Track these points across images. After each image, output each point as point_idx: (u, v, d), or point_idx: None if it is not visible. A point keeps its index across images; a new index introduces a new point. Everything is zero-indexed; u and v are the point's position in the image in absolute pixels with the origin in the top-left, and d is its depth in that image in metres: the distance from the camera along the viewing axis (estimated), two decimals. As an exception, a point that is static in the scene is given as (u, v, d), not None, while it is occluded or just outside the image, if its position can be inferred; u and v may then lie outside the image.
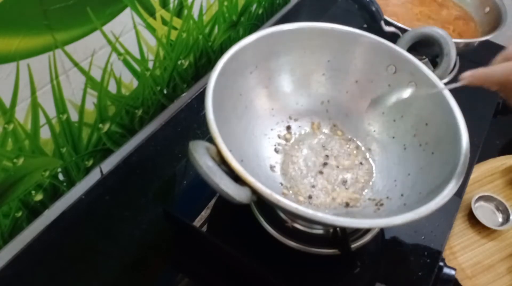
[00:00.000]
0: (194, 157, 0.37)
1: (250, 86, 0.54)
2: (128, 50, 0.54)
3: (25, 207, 0.50)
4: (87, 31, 0.46)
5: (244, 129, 0.53)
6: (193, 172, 0.59)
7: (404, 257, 0.52)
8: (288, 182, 0.53)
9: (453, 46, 0.58)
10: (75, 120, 0.51)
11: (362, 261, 0.52)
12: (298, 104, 0.58)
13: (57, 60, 0.44)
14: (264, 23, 0.85)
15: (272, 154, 0.55)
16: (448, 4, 0.85)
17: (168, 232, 0.56)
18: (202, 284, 0.53)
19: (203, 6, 0.63)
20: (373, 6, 0.68)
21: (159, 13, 0.55)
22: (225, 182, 0.37)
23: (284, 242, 0.50)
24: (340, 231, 0.48)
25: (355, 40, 0.55)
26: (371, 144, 0.56)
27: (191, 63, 0.68)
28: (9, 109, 0.42)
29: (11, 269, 0.51)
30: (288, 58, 0.55)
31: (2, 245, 0.50)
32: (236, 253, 0.50)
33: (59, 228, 0.55)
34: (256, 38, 0.51)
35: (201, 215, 0.53)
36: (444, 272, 0.54)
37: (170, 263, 0.54)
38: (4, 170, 0.45)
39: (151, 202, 0.58)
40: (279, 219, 0.52)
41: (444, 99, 0.48)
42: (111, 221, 0.56)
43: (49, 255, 0.53)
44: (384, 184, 0.52)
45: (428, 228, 0.55)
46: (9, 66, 0.40)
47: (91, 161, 0.57)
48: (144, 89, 0.60)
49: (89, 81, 0.50)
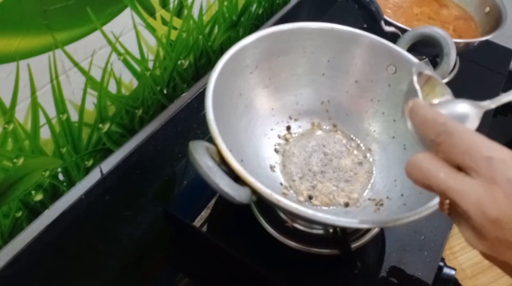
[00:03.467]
0: (194, 157, 0.37)
1: (250, 86, 0.54)
2: (128, 50, 0.54)
3: (25, 207, 0.50)
4: (87, 31, 0.46)
5: (244, 129, 0.53)
6: (193, 172, 0.59)
7: (404, 257, 0.52)
8: (288, 182, 0.53)
9: (453, 46, 0.58)
10: (75, 120, 0.51)
11: (362, 261, 0.52)
12: (298, 104, 0.58)
13: (57, 60, 0.44)
14: (264, 23, 0.85)
15: (272, 154, 0.55)
16: (448, 4, 0.85)
17: (168, 232, 0.56)
18: (202, 284, 0.53)
19: (203, 6, 0.63)
20: (373, 6, 0.68)
21: (159, 13, 0.55)
22: (225, 182, 0.37)
23: (284, 242, 0.50)
24: (340, 231, 0.48)
25: (355, 40, 0.55)
26: (371, 144, 0.56)
27: (191, 63, 0.68)
28: (9, 109, 0.42)
29: (11, 269, 0.51)
30: (288, 58, 0.55)
31: (2, 245, 0.50)
32: (236, 253, 0.50)
33: (59, 228, 0.55)
34: (256, 38, 0.51)
35: (201, 215, 0.53)
36: (444, 272, 0.54)
37: (170, 263, 0.54)
38: (4, 170, 0.45)
39: (151, 202, 0.58)
40: (279, 219, 0.52)
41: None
42: (111, 221, 0.56)
43: (49, 255, 0.53)
44: (384, 184, 0.52)
45: (428, 228, 0.55)
46: (9, 66, 0.40)
47: (91, 161, 0.57)
48: (144, 89, 0.60)
49: (89, 81, 0.50)
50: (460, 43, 0.69)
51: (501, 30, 0.72)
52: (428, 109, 0.27)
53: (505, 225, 0.23)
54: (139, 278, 0.52)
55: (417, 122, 0.27)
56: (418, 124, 0.27)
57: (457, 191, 0.24)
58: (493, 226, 0.23)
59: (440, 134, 0.26)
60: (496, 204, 0.23)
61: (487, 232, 0.24)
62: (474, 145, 0.25)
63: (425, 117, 0.27)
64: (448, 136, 0.25)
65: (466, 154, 0.25)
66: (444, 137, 0.25)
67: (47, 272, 0.51)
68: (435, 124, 0.26)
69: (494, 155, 0.24)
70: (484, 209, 0.23)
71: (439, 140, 0.26)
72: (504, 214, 0.23)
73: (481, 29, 0.80)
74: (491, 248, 0.24)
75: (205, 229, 0.52)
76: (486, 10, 0.80)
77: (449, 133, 0.25)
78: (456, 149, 0.25)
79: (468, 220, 0.25)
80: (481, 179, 0.24)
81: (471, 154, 0.24)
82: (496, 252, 0.24)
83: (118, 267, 0.52)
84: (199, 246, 0.54)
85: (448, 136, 0.25)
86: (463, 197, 0.24)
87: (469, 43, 0.71)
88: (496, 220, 0.23)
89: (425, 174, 0.26)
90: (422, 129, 0.27)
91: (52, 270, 0.51)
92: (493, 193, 0.23)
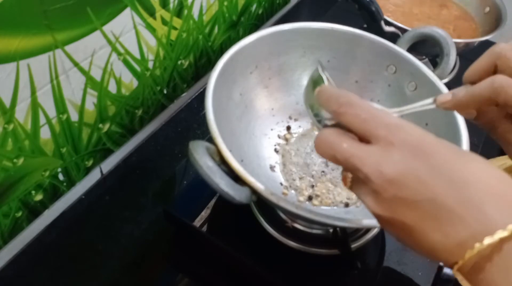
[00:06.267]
0: (194, 157, 0.37)
1: (250, 86, 0.54)
2: (128, 50, 0.54)
3: (25, 207, 0.50)
4: (87, 31, 0.46)
5: (244, 129, 0.53)
6: (193, 172, 0.59)
7: (404, 257, 0.52)
8: (288, 182, 0.53)
9: (453, 46, 0.58)
10: (75, 120, 0.51)
11: (362, 261, 0.52)
12: (298, 104, 0.58)
13: (57, 60, 0.44)
14: (264, 23, 0.85)
15: (272, 154, 0.55)
16: (448, 4, 0.85)
17: (168, 232, 0.56)
18: (202, 284, 0.53)
19: (203, 6, 0.63)
20: (373, 6, 0.68)
21: (159, 13, 0.55)
22: (225, 182, 0.37)
23: (284, 242, 0.50)
24: (340, 231, 0.48)
25: (355, 40, 0.55)
26: (371, 144, 0.56)
27: (191, 63, 0.68)
28: (9, 109, 0.42)
29: (11, 269, 0.51)
30: (288, 58, 0.55)
31: (2, 245, 0.50)
32: (236, 253, 0.50)
33: (59, 228, 0.55)
34: (256, 38, 0.51)
35: (201, 215, 0.53)
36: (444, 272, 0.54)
37: (170, 263, 0.54)
38: (4, 170, 0.45)
39: (151, 202, 0.58)
40: (279, 219, 0.52)
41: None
42: (111, 221, 0.56)
43: (49, 255, 0.53)
44: (384, 184, 0.52)
45: (428, 228, 0.55)
46: (9, 66, 0.40)
47: (91, 161, 0.57)
48: (144, 89, 0.60)
49: (89, 81, 0.50)
50: (460, 43, 0.69)
51: (501, 30, 0.72)
52: (334, 89, 0.29)
53: (402, 184, 0.25)
54: (139, 278, 0.52)
55: (323, 99, 0.29)
56: (324, 101, 0.29)
57: (358, 156, 0.26)
58: (391, 186, 0.25)
59: (342, 104, 0.28)
60: (393, 164, 0.25)
61: (386, 192, 0.25)
62: (374, 113, 0.27)
63: (330, 94, 0.29)
64: (350, 106, 0.27)
65: (366, 122, 0.27)
66: (346, 107, 0.27)
67: (47, 272, 0.51)
68: (338, 98, 0.28)
69: (392, 121, 0.26)
70: (382, 170, 0.25)
71: (341, 110, 0.28)
72: (400, 173, 0.25)
73: (481, 29, 0.80)
74: (389, 209, 0.25)
75: (205, 229, 0.52)
76: (486, 10, 0.80)
77: (350, 104, 0.27)
78: (357, 118, 0.27)
79: (368, 184, 0.26)
80: (380, 144, 0.26)
81: (371, 121, 0.27)
82: (394, 212, 0.25)
83: (118, 267, 0.52)
84: (199, 246, 0.54)
85: (349, 106, 0.27)
86: (363, 161, 0.26)
87: (469, 43, 0.71)
88: (392, 180, 0.25)
89: (330, 145, 0.27)
90: (326, 103, 0.29)
91: (52, 270, 0.51)
92: (390, 154, 0.25)
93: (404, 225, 0.25)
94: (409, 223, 0.25)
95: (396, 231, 0.27)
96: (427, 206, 0.24)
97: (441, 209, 0.24)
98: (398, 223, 0.26)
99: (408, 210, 0.25)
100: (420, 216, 0.25)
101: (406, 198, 0.25)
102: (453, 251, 0.24)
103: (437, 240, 0.24)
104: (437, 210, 0.24)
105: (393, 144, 0.25)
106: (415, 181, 0.24)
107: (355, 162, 0.26)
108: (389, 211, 0.26)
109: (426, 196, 0.24)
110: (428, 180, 0.24)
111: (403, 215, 0.25)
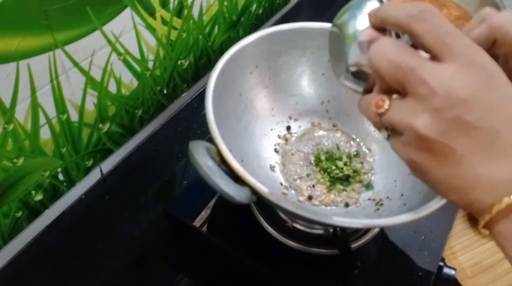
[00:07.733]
0: (194, 157, 0.37)
1: (250, 86, 0.54)
2: (128, 50, 0.54)
3: (25, 207, 0.50)
4: (87, 31, 0.46)
5: (244, 129, 0.53)
6: (193, 172, 0.59)
7: (404, 257, 0.52)
8: (288, 182, 0.53)
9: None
10: (75, 120, 0.51)
11: (362, 261, 0.52)
12: (298, 104, 0.58)
13: (57, 60, 0.45)
14: (264, 23, 0.85)
15: (272, 154, 0.55)
16: (448, 4, 0.85)
17: (168, 232, 0.56)
18: (202, 284, 0.53)
19: (203, 6, 0.63)
20: (373, 6, 0.68)
21: (159, 13, 0.55)
22: (225, 182, 0.37)
23: (284, 242, 0.50)
24: (340, 231, 0.48)
25: (355, 40, 0.55)
26: (371, 144, 0.56)
27: (191, 63, 0.68)
28: (9, 109, 0.42)
29: (11, 269, 0.51)
30: (288, 58, 0.55)
31: (2, 245, 0.50)
32: (236, 253, 0.50)
33: (59, 228, 0.55)
34: (256, 38, 0.51)
35: (201, 215, 0.53)
36: (444, 272, 0.54)
37: (170, 263, 0.54)
38: (4, 170, 0.45)
39: (151, 202, 0.58)
40: (279, 219, 0.52)
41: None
42: (111, 221, 0.56)
43: (49, 255, 0.53)
44: (384, 184, 0.52)
45: (428, 228, 0.55)
46: (9, 66, 0.40)
47: (91, 161, 0.57)
48: (144, 89, 0.60)
49: (89, 81, 0.50)
50: (460, 43, 0.69)
51: (501, 30, 0.72)
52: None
53: (470, 106, 0.23)
54: (139, 278, 0.52)
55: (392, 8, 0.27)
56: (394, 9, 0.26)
57: (427, 69, 0.24)
58: (458, 106, 0.23)
59: (424, 10, 0.25)
60: (467, 84, 0.23)
61: (450, 110, 0.23)
62: (457, 30, 0.24)
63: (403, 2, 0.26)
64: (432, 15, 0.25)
65: (449, 35, 0.24)
66: (428, 14, 0.25)
67: (47, 272, 0.51)
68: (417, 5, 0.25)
69: (473, 43, 0.24)
70: (454, 87, 0.23)
71: (422, 15, 0.25)
72: (473, 95, 0.23)
73: (481, 29, 0.80)
74: (444, 131, 0.23)
75: (205, 229, 0.52)
76: (486, 10, 0.80)
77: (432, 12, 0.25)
78: (440, 29, 0.24)
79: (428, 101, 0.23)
80: (457, 62, 0.23)
81: (456, 35, 0.24)
82: (448, 136, 0.23)
83: (118, 267, 0.52)
84: (199, 246, 0.54)
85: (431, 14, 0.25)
86: (433, 75, 0.23)
87: (469, 43, 0.71)
88: (462, 99, 0.23)
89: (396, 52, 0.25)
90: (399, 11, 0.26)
91: (52, 270, 0.51)
92: (467, 74, 0.23)
93: (453, 152, 0.23)
94: (460, 151, 0.23)
95: (435, 159, 0.24)
96: (487, 136, 0.23)
97: (500, 142, 0.23)
98: (445, 150, 0.24)
99: (464, 136, 0.23)
100: (474, 145, 0.23)
101: (468, 123, 0.23)
102: (492, 190, 0.22)
103: (482, 174, 0.23)
104: (495, 143, 0.23)
105: (472, 65, 0.23)
106: (484, 107, 0.23)
107: (423, 74, 0.23)
108: (443, 134, 0.23)
109: (489, 125, 0.23)
110: (498, 110, 0.23)
111: (456, 141, 0.23)
